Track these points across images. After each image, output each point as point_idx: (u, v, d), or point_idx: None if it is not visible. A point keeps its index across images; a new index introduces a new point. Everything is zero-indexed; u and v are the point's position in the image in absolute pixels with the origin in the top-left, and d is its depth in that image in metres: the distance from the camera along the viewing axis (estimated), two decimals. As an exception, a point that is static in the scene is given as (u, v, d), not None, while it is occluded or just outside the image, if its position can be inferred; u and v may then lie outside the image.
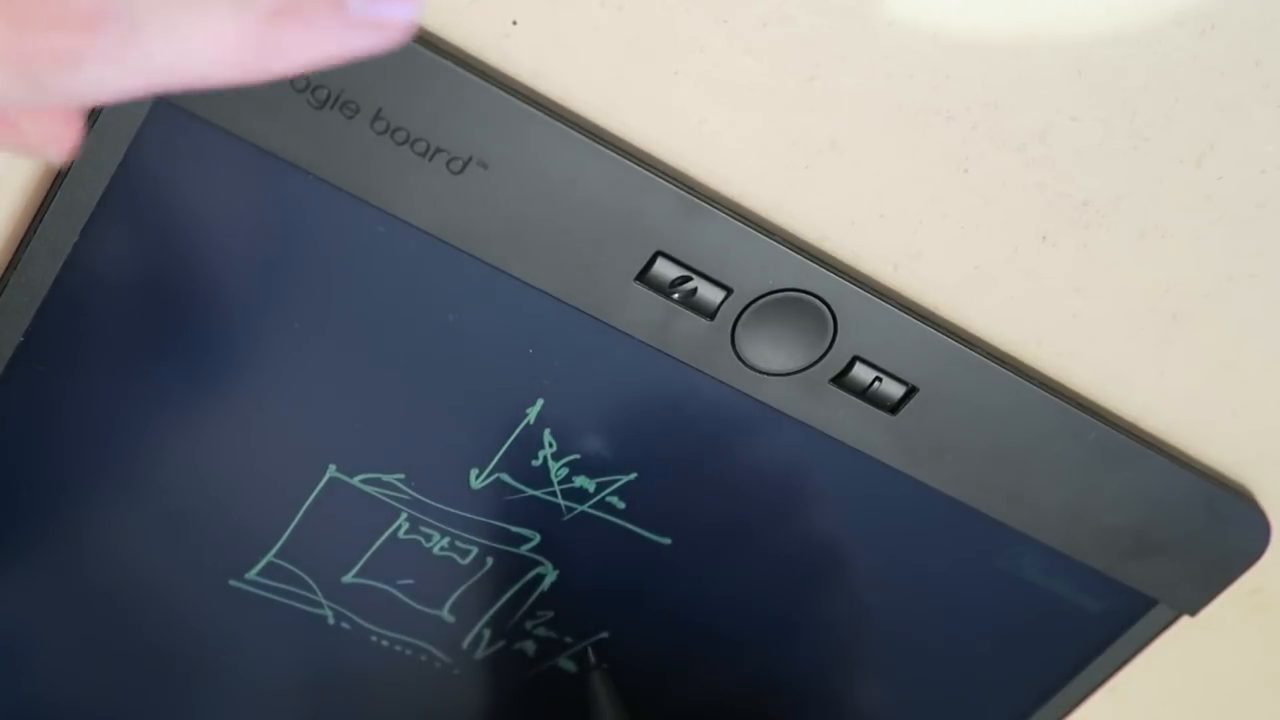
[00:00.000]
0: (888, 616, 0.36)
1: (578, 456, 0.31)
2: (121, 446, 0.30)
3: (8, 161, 0.26)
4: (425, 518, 0.32)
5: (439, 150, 0.25)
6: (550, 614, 0.35)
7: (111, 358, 0.28)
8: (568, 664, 0.36)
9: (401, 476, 0.31)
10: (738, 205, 0.27)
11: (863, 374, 0.29)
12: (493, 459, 0.31)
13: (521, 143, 0.25)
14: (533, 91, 0.25)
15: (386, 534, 0.32)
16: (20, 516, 0.31)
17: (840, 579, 0.35)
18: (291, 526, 0.31)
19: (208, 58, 0.17)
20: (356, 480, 0.31)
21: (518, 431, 0.30)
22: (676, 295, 0.27)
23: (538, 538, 0.33)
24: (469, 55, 0.25)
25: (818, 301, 0.28)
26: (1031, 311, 0.29)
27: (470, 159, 0.25)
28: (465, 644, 0.35)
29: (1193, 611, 0.36)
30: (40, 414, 0.29)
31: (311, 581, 0.33)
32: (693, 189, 0.26)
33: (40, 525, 0.31)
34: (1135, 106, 0.26)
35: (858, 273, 0.28)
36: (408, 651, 0.35)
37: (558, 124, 0.25)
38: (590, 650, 0.35)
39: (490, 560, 0.33)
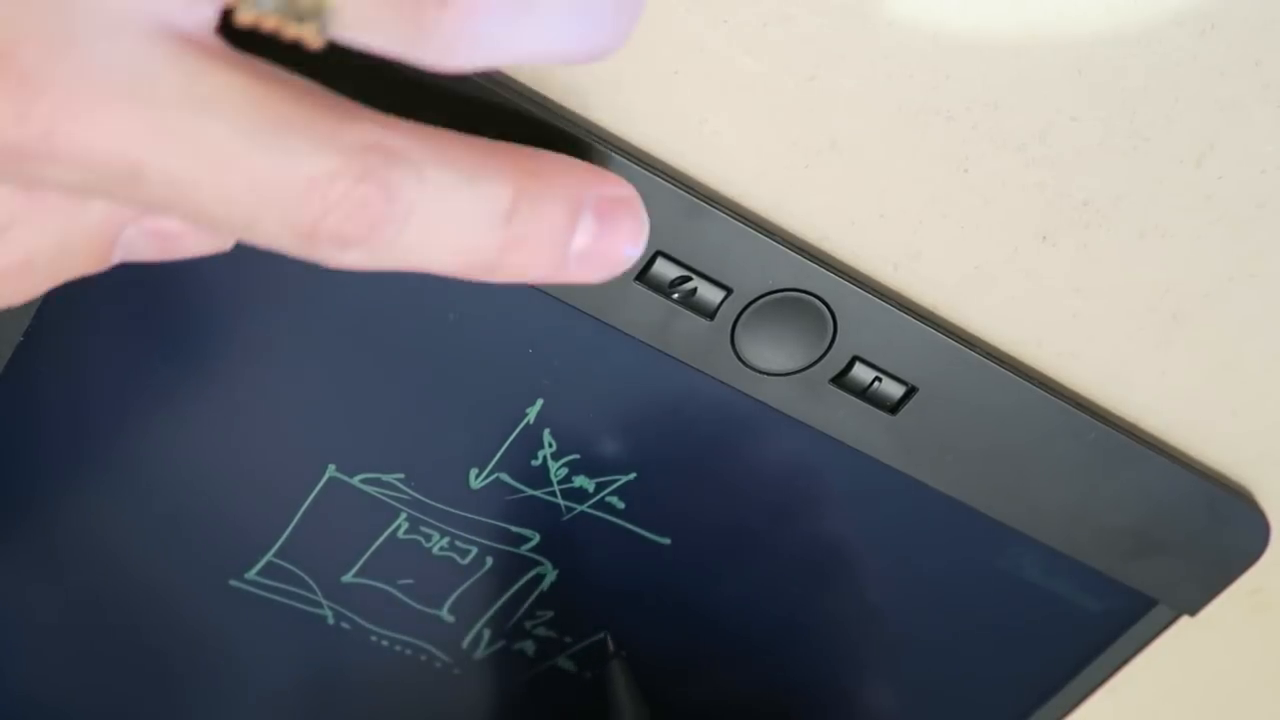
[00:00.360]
0: (887, 616, 0.36)
1: (577, 456, 0.31)
2: (121, 446, 0.30)
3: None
4: (425, 518, 0.32)
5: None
6: (550, 614, 0.35)
7: (111, 358, 0.28)
8: (567, 664, 0.36)
9: (401, 476, 0.31)
10: (738, 205, 0.27)
11: (863, 374, 0.29)
12: (492, 459, 0.31)
13: (520, 143, 0.25)
14: (531, 92, 0.25)
15: (386, 534, 0.32)
16: (20, 516, 0.31)
17: (840, 579, 0.35)
18: (291, 526, 0.31)
19: (443, 262, 0.20)
20: (356, 480, 0.31)
21: (518, 431, 0.30)
22: (676, 295, 0.27)
23: (537, 538, 0.33)
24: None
25: (818, 301, 0.28)
26: (1031, 311, 0.29)
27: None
28: (465, 644, 0.35)
29: (1193, 611, 0.36)
30: (40, 414, 0.29)
31: (311, 581, 0.33)
32: (693, 189, 0.26)
33: (40, 525, 0.31)
34: (1135, 106, 0.26)
35: (858, 273, 0.28)
36: (407, 651, 0.35)
37: (557, 124, 0.25)
38: (609, 638, 0.35)
39: (490, 560, 0.33)
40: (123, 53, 0.16)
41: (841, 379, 0.29)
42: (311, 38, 0.18)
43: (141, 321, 0.28)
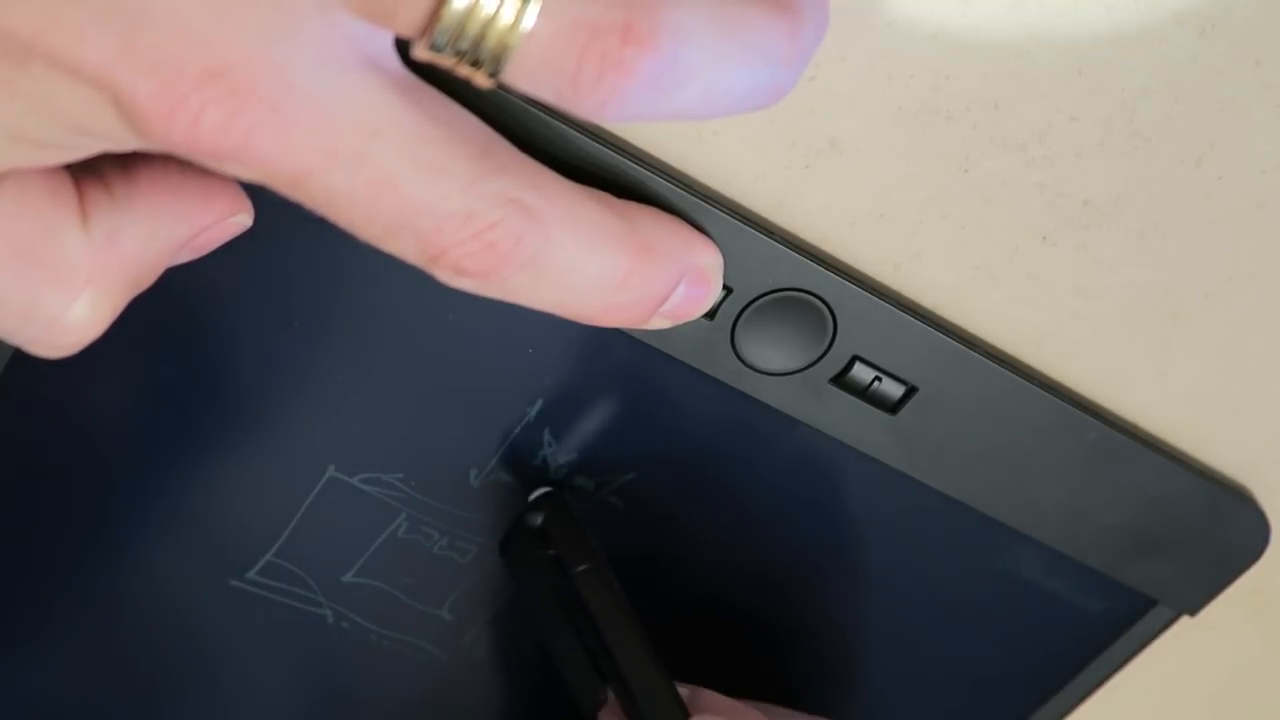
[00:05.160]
0: (887, 617, 0.36)
1: (577, 456, 0.31)
2: (121, 446, 0.30)
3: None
4: (425, 517, 0.32)
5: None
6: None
7: (112, 357, 0.28)
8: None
9: (401, 476, 0.31)
10: (738, 205, 0.27)
11: (862, 374, 0.29)
12: (492, 458, 0.31)
13: (521, 143, 0.25)
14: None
15: (386, 533, 0.32)
16: (20, 517, 0.31)
17: (840, 579, 0.35)
18: (291, 526, 0.31)
19: (547, 306, 0.22)
20: (356, 480, 0.31)
21: (517, 431, 0.30)
22: (676, 295, 0.27)
23: (537, 537, 0.33)
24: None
25: (818, 301, 0.28)
26: (1031, 311, 0.29)
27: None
28: (465, 643, 0.35)
29: (1193, 611, 0.36)
30: (40, 414, 0.29)
31: (311, 581, 0.33)
32: (693, 189, 0.26)
33: (40, 525, 0.31)
34: (1135, 106, 0.26)
35: (858, 273, 0.28)
36: (407, 651, 0.35)
37: (558, 124, 0.25)
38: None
39: (490, 560, 0.33)
40: (321, 82, 0.19)
41: (841, 379, 0.29)
42: (481, 81, 0.19)
43: (142, 321, 0.28)
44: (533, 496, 0.31)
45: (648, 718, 0.30)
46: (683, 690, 0.32)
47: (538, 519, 0.31)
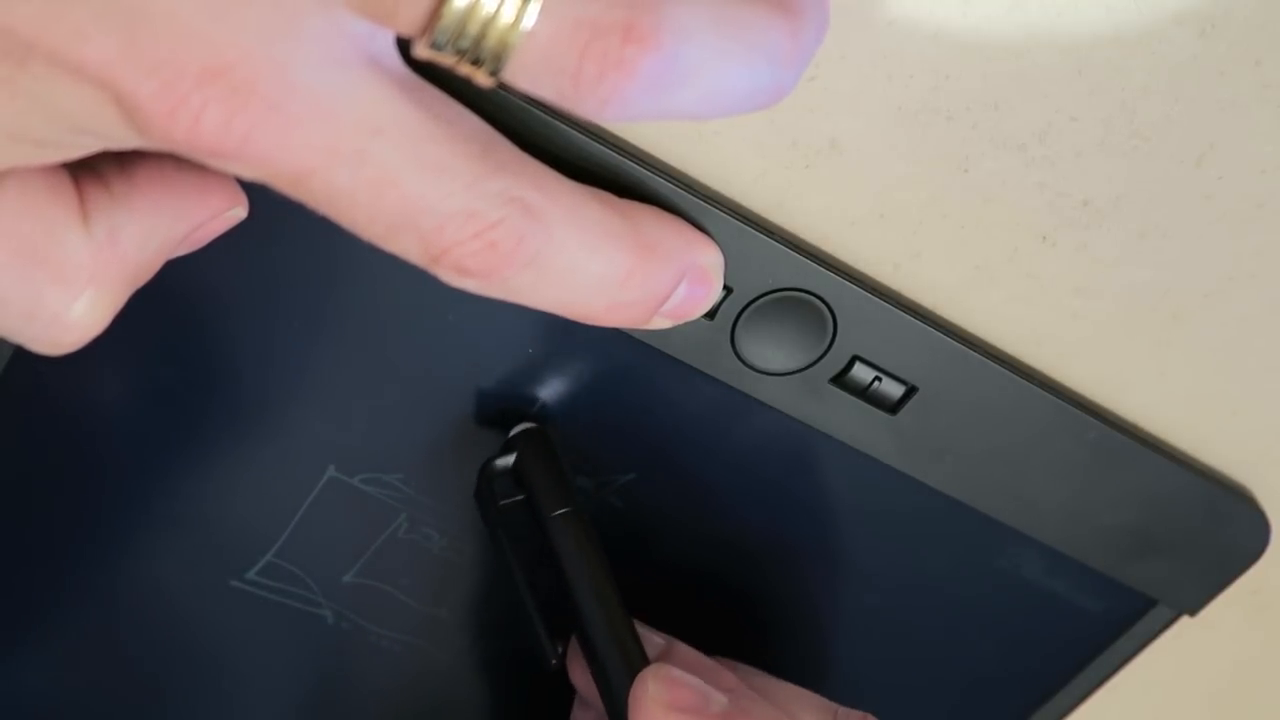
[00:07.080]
0: (888, 617, 0.36)
1: (577, 456, 0.31)
2: (121, 447, 0.30)
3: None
4: (425, 517, 0.32)
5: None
6: (550, 614, 0.35)
7: (112, 357, 0.28)
8: (567, 664, 0.36)
9: (401, 476, 0.31)
10: (738, 205, 0.27)
11: (862, 374, 0.29)
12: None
13: (521, 143, 0.25)
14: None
15: (386, 534, 0.32)
16: (20, 517, 0.31)
17: (840, 579, 0.35)
18: (291, 526, 0.31)
19: (549, 305, 0.22)
20: (356, 480, 0.31)
21: (517, 431, 0.30)
22: (676, 295, 0.27)
23: (537, 537, 0.33)
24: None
25: (818, 301, 0.28)
26: (1031, 311, 0.29)
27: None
28: (465, 643, 0.35)
29: (1193, 611, 0.36)
30: (40, 414, 0.29)
31: (311, 581, 0.33)
32: (693, 189, 0.26)
33: (40, 526, 0.31)
34: (1135, 106, 0.26)
35: (858, 273, 0.28)
36: (407, 651, 0.35)
37: (558, 124, 0.25)
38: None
39: (491, 559, 0.33)
40: (322, 81, 0.19)
41: (841, 379, 0.29)
42: (482, 79, 0.19)
43: (142, 322, 0.28)
44: (512, 433, 0.30)
45: (606, 662, 0.29)
46: (660, 641, 0.32)
47: (509, 460, 0.30)
